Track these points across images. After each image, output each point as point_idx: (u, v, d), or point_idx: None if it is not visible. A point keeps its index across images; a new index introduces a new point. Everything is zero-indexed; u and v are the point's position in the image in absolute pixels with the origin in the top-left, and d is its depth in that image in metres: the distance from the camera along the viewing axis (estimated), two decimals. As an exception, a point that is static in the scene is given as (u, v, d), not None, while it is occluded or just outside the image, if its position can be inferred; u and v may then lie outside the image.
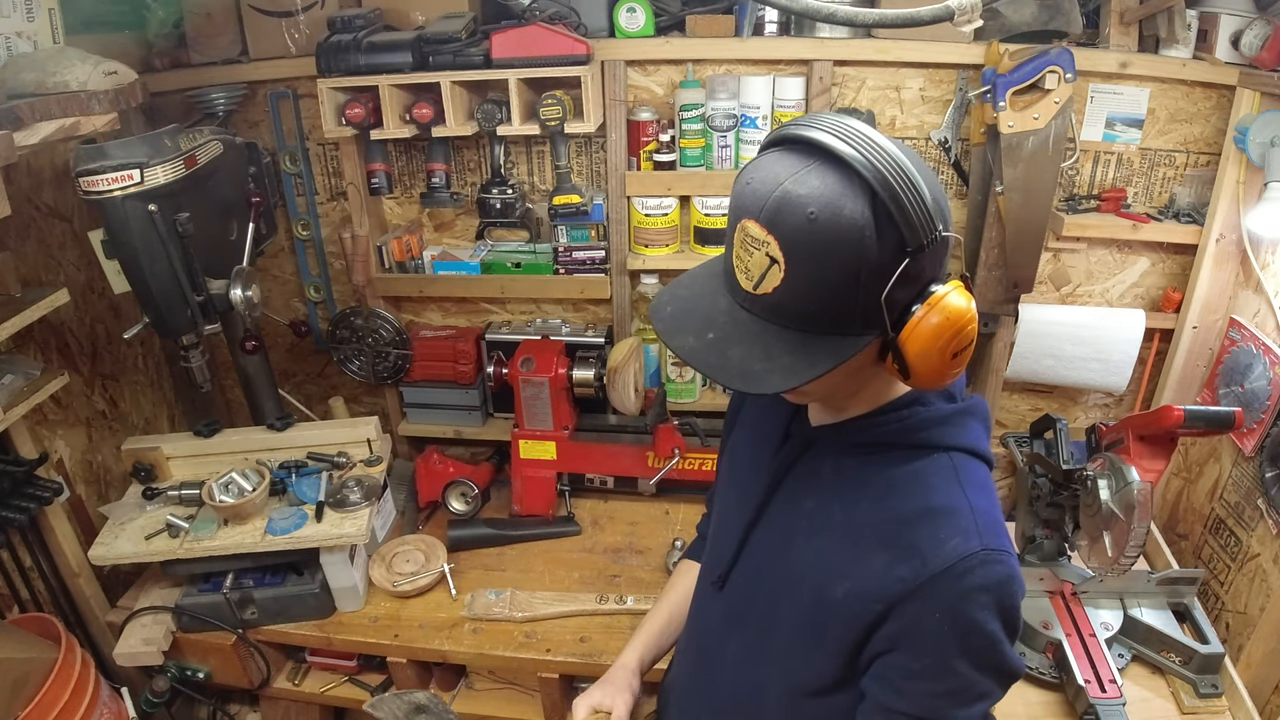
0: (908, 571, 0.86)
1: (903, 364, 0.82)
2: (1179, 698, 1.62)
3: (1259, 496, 1.72)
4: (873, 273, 0.77)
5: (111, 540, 1.76)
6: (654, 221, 2.01)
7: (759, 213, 0.78)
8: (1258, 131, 1.63)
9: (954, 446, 0.93)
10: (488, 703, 1.94)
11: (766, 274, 0.79)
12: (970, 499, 0.89)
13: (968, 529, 0.86)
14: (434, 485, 2.15)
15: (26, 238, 1.76)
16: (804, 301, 0.79)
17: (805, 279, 0.78)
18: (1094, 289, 2.05)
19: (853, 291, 0.78)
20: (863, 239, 0.76)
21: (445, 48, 1.78)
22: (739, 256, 0.82)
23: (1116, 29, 1.76)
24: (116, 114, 1.52)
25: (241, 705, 2.09)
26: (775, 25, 1.87)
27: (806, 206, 0.76)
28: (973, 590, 0.84)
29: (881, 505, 0.91)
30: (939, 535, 0.86)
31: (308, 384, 2.45)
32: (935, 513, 0.88)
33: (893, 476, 0.92)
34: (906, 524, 0.88)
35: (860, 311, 0.80)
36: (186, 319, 1.66)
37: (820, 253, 0.77)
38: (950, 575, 0.84)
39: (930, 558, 0.85)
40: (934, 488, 0.90)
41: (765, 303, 0.81)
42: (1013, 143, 1.72)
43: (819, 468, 0.99)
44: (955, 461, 0.92)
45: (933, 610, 0.85)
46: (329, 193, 2.16)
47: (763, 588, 1.03)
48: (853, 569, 0.91)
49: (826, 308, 0.80)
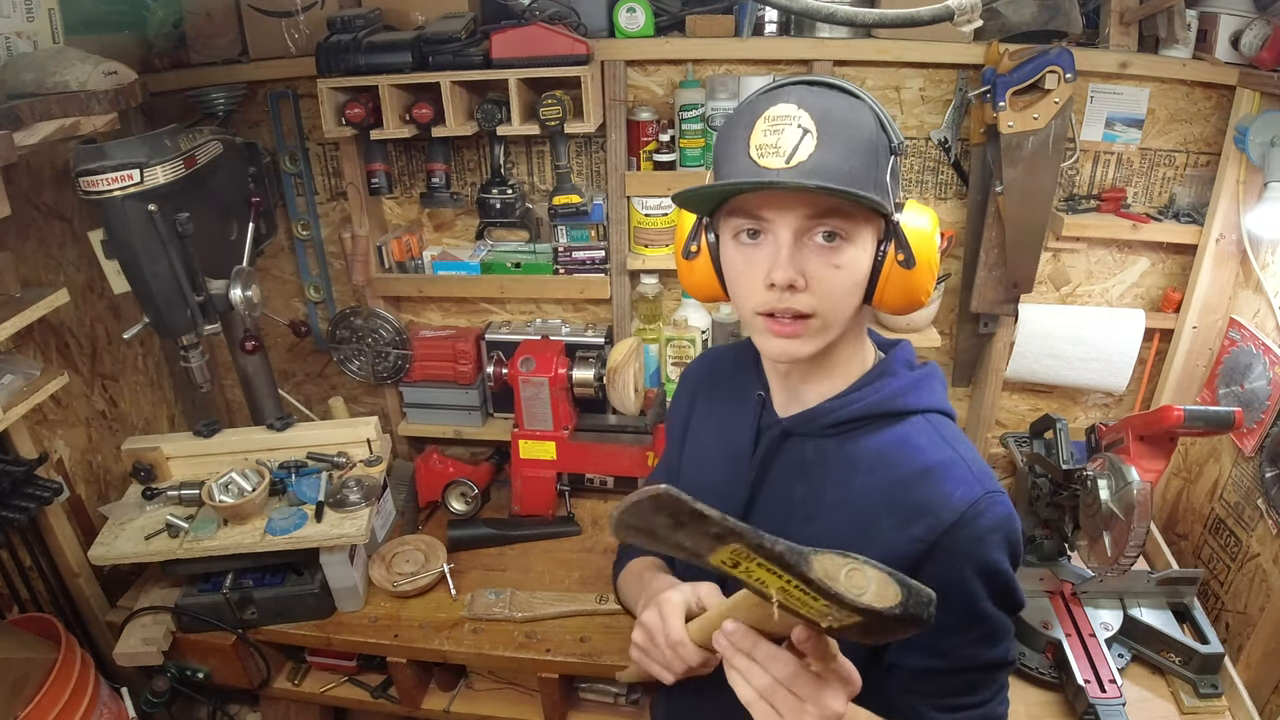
0: (922, 530, 0.90)
1: (907, 250, 0.89)
2: (1179, 698, 1.62)
3: (1259, 496, 1.72)
4: (882, 152, 0.88)
5: (111, 540, 1.76)
6: (654, 221, 2.01)
7: (785, 98, 0.87)
8: (1258, 131, 1.63)
9: (928, 408, 0.98)
10: (488, 703, 1.94)
11: (800, 144, 0.84)
12: (959, 451, 0.95)
13: (966, 478, 0.91)
14: (434, 485, 2.15)
15: (26, 238, 1.76)
16: (840, 159, 0.85)
17: (836, 141, 0.85)
18: (1094, 289, 2.05)
19: (873, 160, 0.87)
20: (873, 122, 0.88)
21: (445, 48, 1.78)
22: (761, 147, 0.86)
23: (1116, 29, 1.76)
24: (116, 114, 1.52)
25: (241, 705, 2.09)
26: (775, 25, 1.87)
27: (825, 93, 0.88)
28: (986, 532, 0.89)
29: (876, 475, 0.95)
30: (944, 489, 0.90)
31: (307, 384, 2.45)
32: (932, 470, 0.92)
33: (880, 446, 0.96)
34: (907, 486, 0.92)
35: (879, 186, 0.88)
36: (186, 319, 1.66)
37: (844, 123, 0.86)
38: (963, 523, 0.89)
39: (942, 510, 0.89)
40: (923, 448, 0.95)
41: (802, 169, 0.84)
42: (1012, 143, 1.72)
43: (800, 455, 1.01)
44: (933, 421, 0.98)
45: (954, 560, 0.89)
46: (329, 193, 2.16)
47: None
48: (861, 543, 0.91)
49: (859, 167, 0.86)
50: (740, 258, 0.92)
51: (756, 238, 0.90)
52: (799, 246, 0.87)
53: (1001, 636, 0.94)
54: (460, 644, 1.80)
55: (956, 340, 2.12)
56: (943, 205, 2.00)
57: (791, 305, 0.88)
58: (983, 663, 0.93)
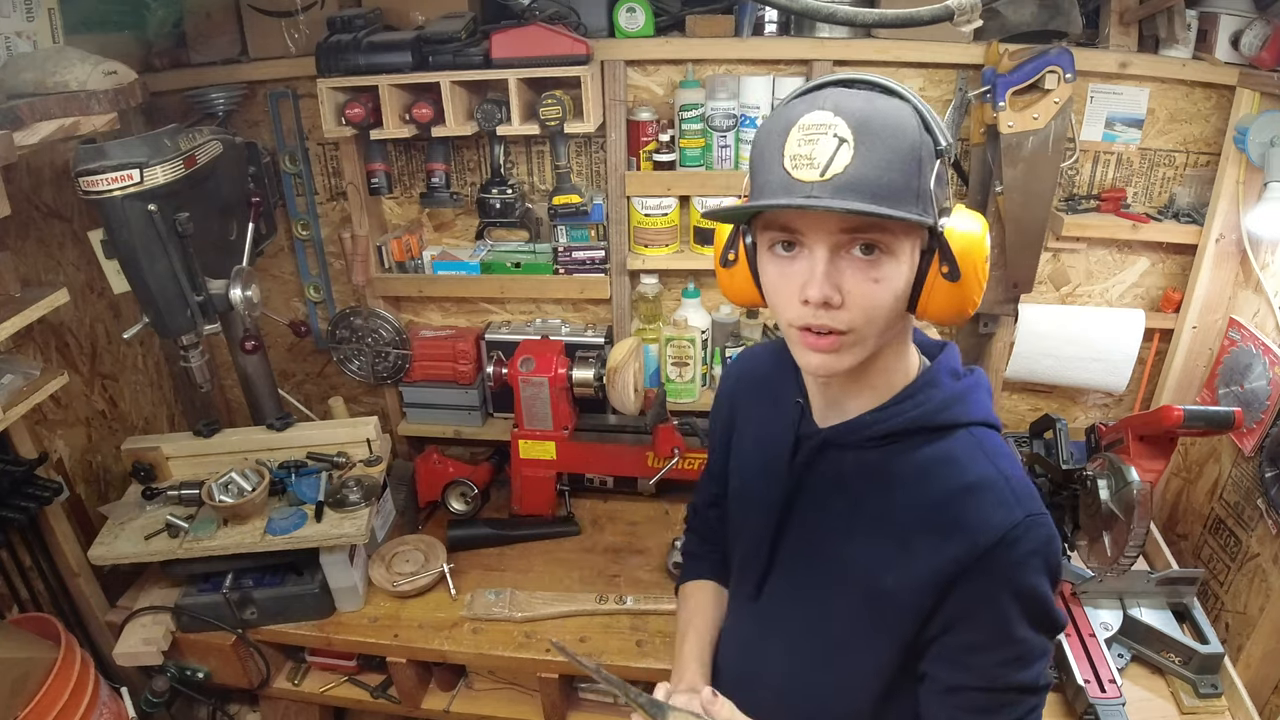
0: (959, 551, 0.88)
1: (951, 263, 0.85)
2: (1178, 698, 1.62)
3: (1259, 496, 1.72)
4: (926, 157, 0.83)
5: (111, 540, 1.76)
6: (654, 221, 2.01)
7: (821, 105, 0.82)
8: (1257, 131, 1.63)
9: (973, 421, 0.95)
10: (488, 703, 1.94)
11: (835, 155, 0.80)
12: (1001, 469, 0.91)
13: (1007, 499, 0.89)
14: (434, 485, 2.15)
15: (26, 237, 1.76)
16: (879, 171, 0.81)
17: (875, 150, 0.81)
18: (1094, 289, 2.05)
19: (915, 168, 0.82)
20: (915, 125, 0.83)
21: (445, 48, 1.78)
22: (795, 158, 0.82)
23: (1116, 29, 1.76)
24: (116, 114, 1.52)
25: (241, 705, 2.09)
26: (775, 25, 1.87)
27: (865, 95, 0.83)
28: (1024, 557, 0.87)
29: (917, 491, 0.93)
30: (983, 511, 0.88)
31: (307, 384, 2.45)
32: (973, 489, 0.90)
33: (922, 461, 0.94)
34: (947, 505, 0.90)
35: (921, 195, 0.83)
36: (186, 319, 1.65)
37: (884, 130, 0.81)
38: (1002, 547, 0.86)
39: (979, 534, 0.87)
40: (965, 465, 0.92)
41: (837, 183, 0.81)
42: (1012, 143, 1.72)
43: (840, 467, 0.99)
44: (977, 436, 0.94)
45: (989, 584, 0.88)
46: (329, 193, 2.16)
47: (806, 592, 1.04)
48: (900, 559, 0.92)
49: (899, 179, 0.81)
50: (776, 270, 0.89)
51: (792, 250, 0.87)
52: (835, 260, 0.84)
53: (1034, 659, 0.92)
54: (460, 644, 1.80)
55: (956, 340, 2.12)
56: (942, 205, 2.00)
57: (827, 323, 0.85)
58: (1014, 684, 0.92)
